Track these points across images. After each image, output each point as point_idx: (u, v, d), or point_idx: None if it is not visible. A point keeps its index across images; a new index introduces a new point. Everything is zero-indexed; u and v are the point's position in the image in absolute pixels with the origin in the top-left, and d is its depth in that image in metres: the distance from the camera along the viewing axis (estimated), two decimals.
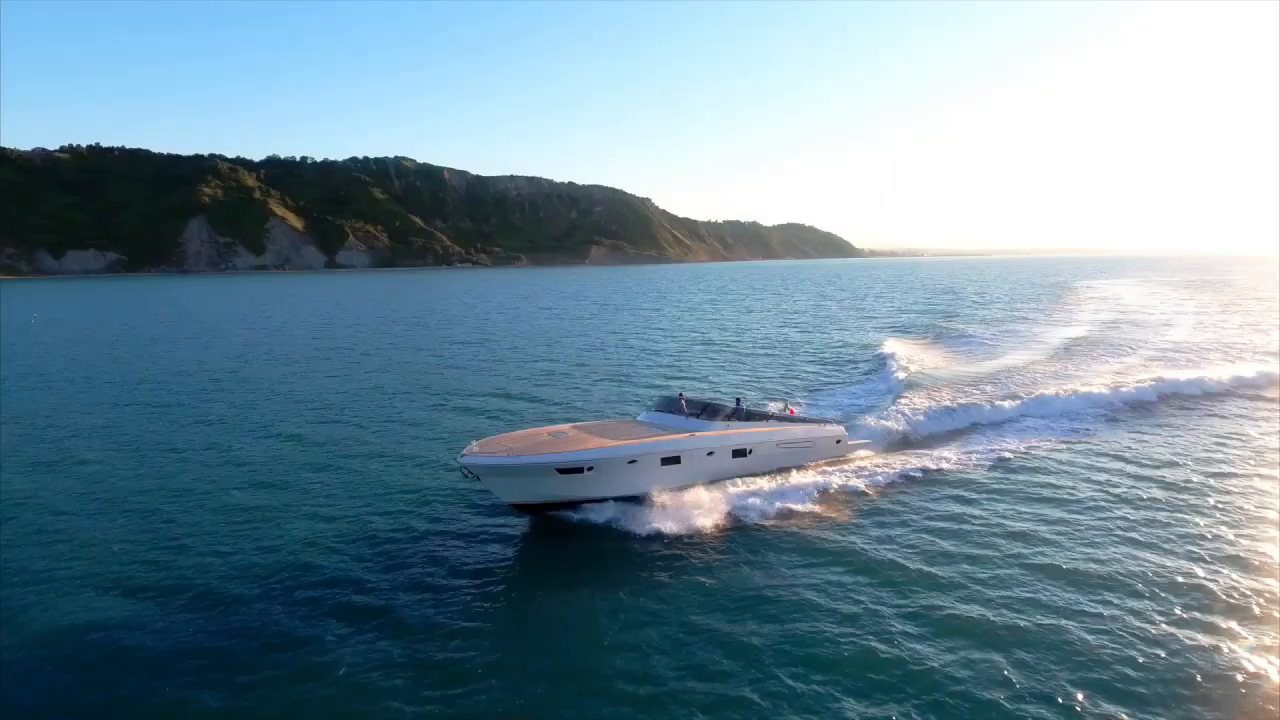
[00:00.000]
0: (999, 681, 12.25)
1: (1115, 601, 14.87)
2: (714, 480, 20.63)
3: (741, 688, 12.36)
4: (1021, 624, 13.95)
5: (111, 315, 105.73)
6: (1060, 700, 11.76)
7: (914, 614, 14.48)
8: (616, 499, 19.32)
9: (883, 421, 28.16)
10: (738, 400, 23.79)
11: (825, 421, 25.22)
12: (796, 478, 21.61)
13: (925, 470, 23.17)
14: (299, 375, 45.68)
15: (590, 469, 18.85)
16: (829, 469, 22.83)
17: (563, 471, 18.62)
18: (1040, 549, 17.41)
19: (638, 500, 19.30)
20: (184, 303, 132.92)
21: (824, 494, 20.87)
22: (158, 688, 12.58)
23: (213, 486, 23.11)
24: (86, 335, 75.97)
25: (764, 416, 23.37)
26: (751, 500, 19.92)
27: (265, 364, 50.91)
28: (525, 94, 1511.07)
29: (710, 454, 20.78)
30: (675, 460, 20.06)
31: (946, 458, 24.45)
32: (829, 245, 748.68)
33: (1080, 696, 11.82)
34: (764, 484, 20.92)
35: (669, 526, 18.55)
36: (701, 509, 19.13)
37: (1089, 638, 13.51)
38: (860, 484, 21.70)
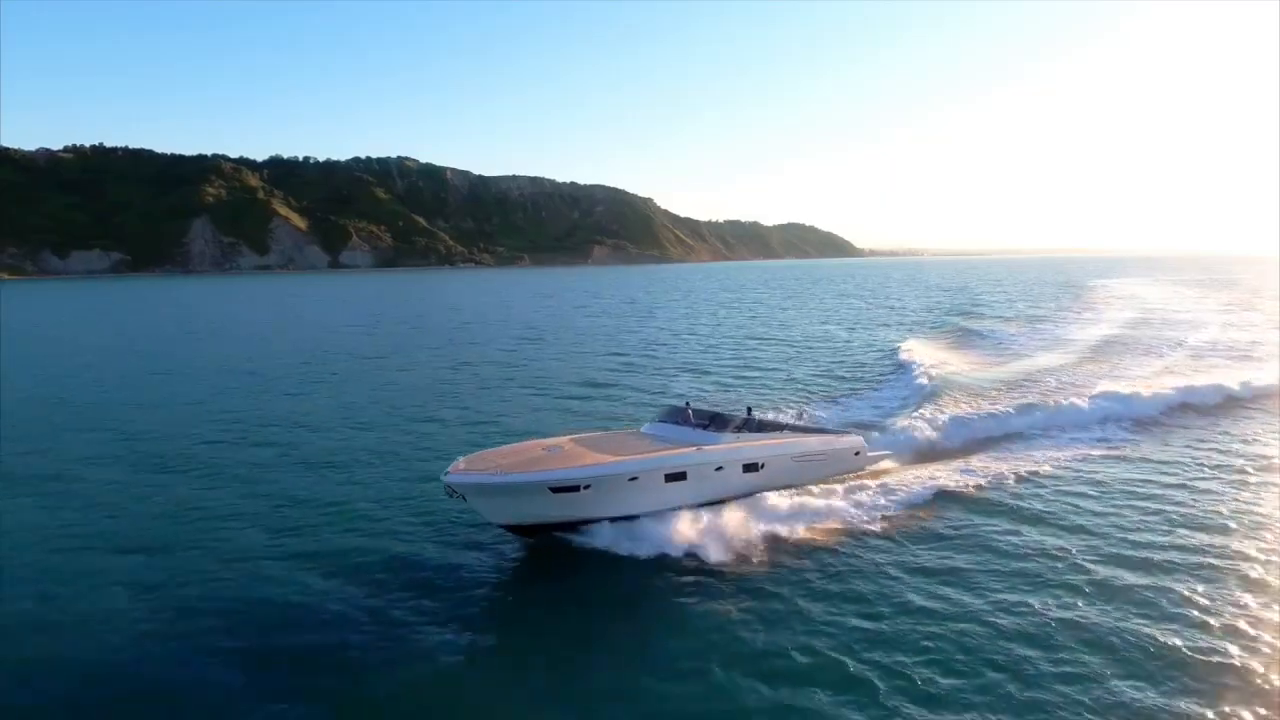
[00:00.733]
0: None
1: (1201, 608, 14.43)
2: (723, 498, 19.18)
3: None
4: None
5: (148, 314, 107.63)
6: None
7: (947, 640, 13.49)
8: (616, 519, 17.91)
9: (906, 430, 26.66)
10: (749, 410, 22.44)
11: (842, 432, 23.85)
12: (812, 494, 20.20)
13: (953, 482, 21.69)
14: (398, 369, 48.09)
15: (587, 487, 17.43)
16: (848, 483, 21.46)
17: (556, 490, 17.23)
18: (1088, 569, 16.17)
19: (640, 520, 17.98)
20: (208, 302, 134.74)
21: (842, 511, 19.32)
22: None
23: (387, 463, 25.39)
24: (146, 332, 78.00)
25: (777, 427, 21.83)
26: (763, 520, 18.43)
27: (353, 359, 53.25)
28: (525, 94, 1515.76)
29: (719, 469, 19.30)
30: (680, 477, 18.61)
31: (976, 468, 22.96)
32: (829, 245, 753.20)
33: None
34: (778, 502, 19.40)
35: (675, 549, 17.29)
36: (708, 530, 17.75)
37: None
38: (882, 499, 20.21)
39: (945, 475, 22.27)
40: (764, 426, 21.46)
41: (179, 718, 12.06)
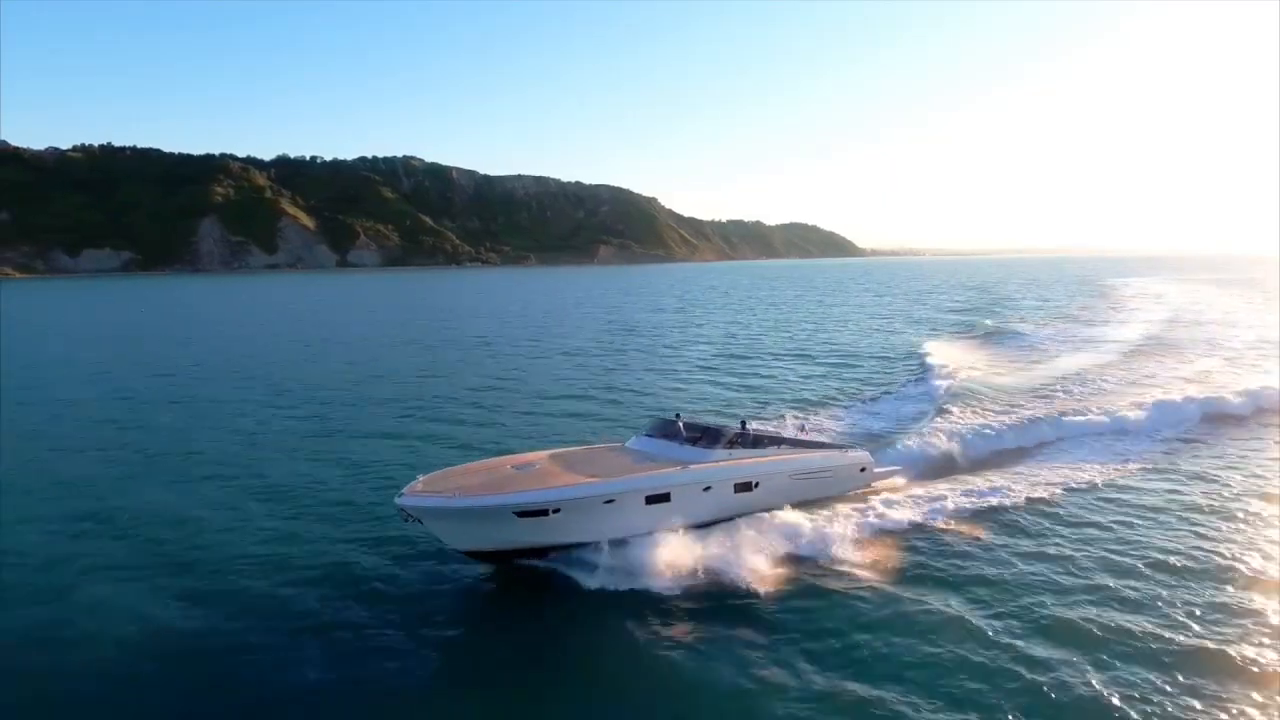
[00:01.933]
0: None
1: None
2: (713, 520, 17.83)
3: None
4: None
5: (198, 312, 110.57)
6: None
7: (942, 679, 12.35)
8: (593, 544, 16.49)
9: (920, 443, 24.86)
10: (743, 423, 20.79)
11: (847, 446, 22.29)
12: (809, 515, 18.52)
13: (966, 500, 20.02)
14: (562, 352, 51.71)
15: (557, 511, 16.16)
16: (851, 502, 19.92)
17: (523, 515, 15.98)
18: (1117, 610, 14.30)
19: (617, 546, 16.55)
20: (242, 300, 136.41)
21: (840, 534, 17.60)
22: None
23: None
24: (216, 330, 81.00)
25: (775, 441, 20.37)
26: (752, 544, 16.92)
27: (485, 352, 56.29)
28: (525, 93, 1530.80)
29: (707, 489, 18.00)
30: (664, 498, 17.30)
31: (993, 485, 21.28)
32: (831, 245, 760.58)
33: None
34: (770, 523, 17.91)
35: (656, 576, 15.87)
36: (691, 556, 16.39)
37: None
38: (886, 520, 18.70)
39: (958, 493, 20.58)
40: (760, 441, 19.97)
41: None
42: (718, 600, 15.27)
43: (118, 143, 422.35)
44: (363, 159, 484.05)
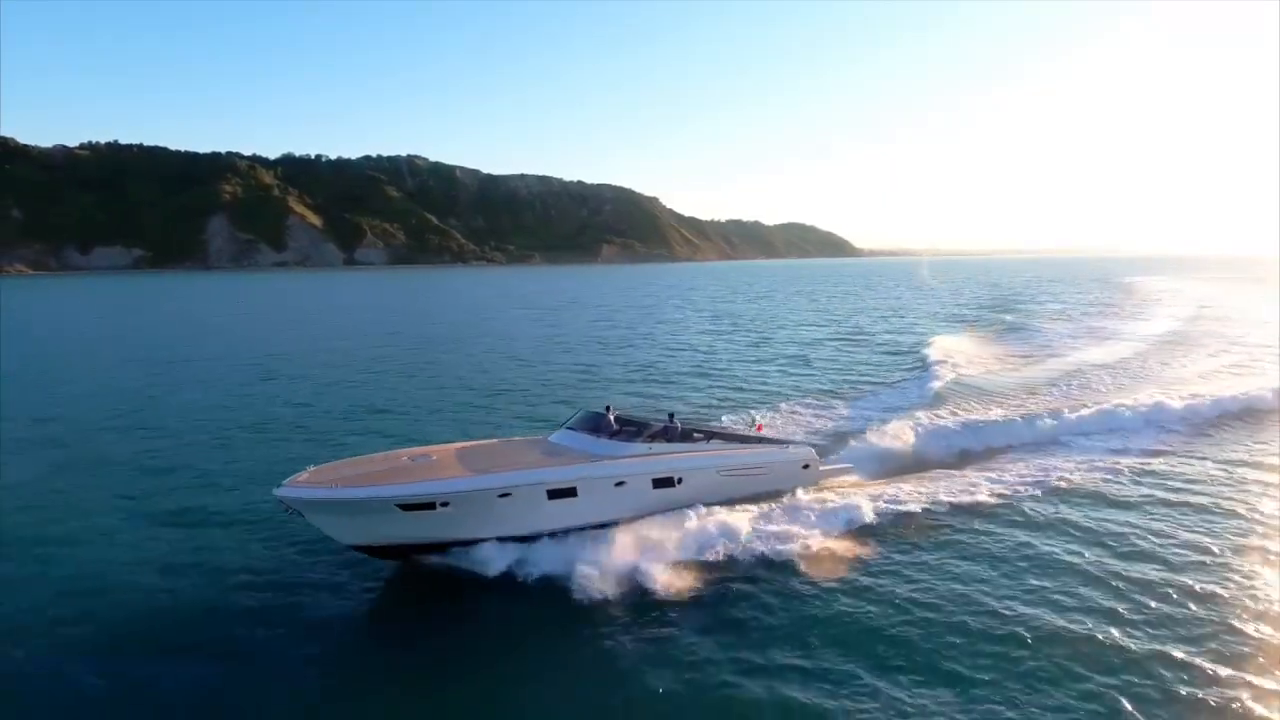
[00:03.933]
0: None
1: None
2: (629, 517, 17.00)
3: None
4: None
5: (248, 309, 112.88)
6: None
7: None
8: (496, 540, 15.95)
9: (881, 438, 24.03)
10: (670, 416, 19.82)
11: (787, 441, 21.18)
12: (730, 513, 17.66)
13: (915, 501, 18.96)
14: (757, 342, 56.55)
15: (444, 505, 15.51)
16: (783, 501, 18.65)
17: (407, 508, 15.33)
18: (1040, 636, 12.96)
19: (525, 542, 16.06)
20: (273, 297, 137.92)
21: (759, 535, 16.85)
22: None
23: None
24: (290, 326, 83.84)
25: (707, 435, 19.64)
26: (656, 547, 16.15)
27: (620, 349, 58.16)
28: (526, 92, 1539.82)
29: (620, 484, 17.19)
30: (569, 493, 16.58)
31: (952, 485, 20.28)
32: (829, 245, 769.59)
33: None
34: (680, 523, 17.01)
35: (560, 575, 15.27)
36: (595, 554, 15.62)
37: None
38: (825, 519, 17.75)
39: (915, 491, 19.69)
40: (688, 435, 19.30)
41: None
42: (636, 601, 14.63)
43: (124, 141, 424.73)
44: (367, 158, 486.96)
